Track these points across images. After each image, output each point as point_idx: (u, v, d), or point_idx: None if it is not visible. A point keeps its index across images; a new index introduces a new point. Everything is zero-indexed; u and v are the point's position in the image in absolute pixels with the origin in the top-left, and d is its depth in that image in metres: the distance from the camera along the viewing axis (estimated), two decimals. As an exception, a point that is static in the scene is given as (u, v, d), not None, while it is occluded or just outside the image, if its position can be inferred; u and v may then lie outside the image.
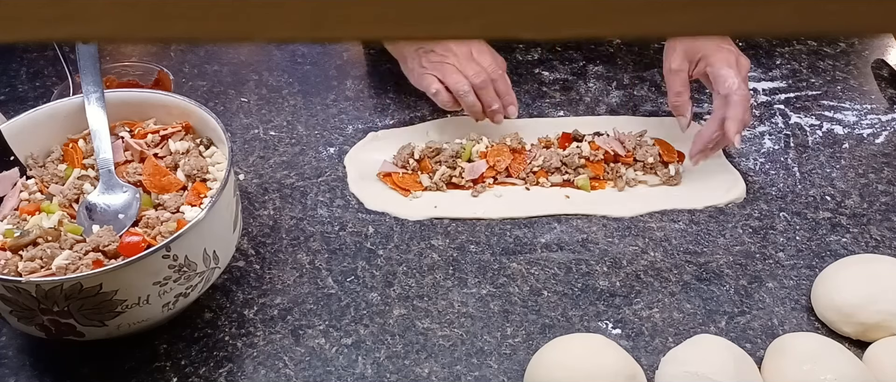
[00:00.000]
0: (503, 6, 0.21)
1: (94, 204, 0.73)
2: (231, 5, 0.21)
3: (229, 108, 1.02)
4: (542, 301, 0.77)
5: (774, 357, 0.69)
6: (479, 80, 0.88)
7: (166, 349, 0.73)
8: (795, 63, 1.10)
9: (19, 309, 0.63)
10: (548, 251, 0.83)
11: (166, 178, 0.75)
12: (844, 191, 0.90)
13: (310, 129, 0.98)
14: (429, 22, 0.21)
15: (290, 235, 0.84)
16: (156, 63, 1.01)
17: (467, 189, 0.89)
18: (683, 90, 0.89)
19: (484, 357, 0.72)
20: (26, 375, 0.72)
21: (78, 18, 0.21)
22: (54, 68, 1.07)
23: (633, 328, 0.75)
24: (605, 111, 1.02)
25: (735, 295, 0.78)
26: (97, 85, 0.78)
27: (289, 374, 0.71)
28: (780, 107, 1.02)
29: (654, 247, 0.83)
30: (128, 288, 0.64)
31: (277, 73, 1.08)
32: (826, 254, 0.82)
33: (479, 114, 0.90)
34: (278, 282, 0.79)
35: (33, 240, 0.67)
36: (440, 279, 0.79)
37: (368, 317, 0.76)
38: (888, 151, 0.96)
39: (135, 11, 0.21)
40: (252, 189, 0.90)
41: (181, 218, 0.70)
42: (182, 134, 0.79)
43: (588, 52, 1.11)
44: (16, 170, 0.76)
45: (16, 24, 0.21)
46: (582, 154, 0.90)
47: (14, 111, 0.88)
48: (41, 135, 0.79)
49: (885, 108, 1.03)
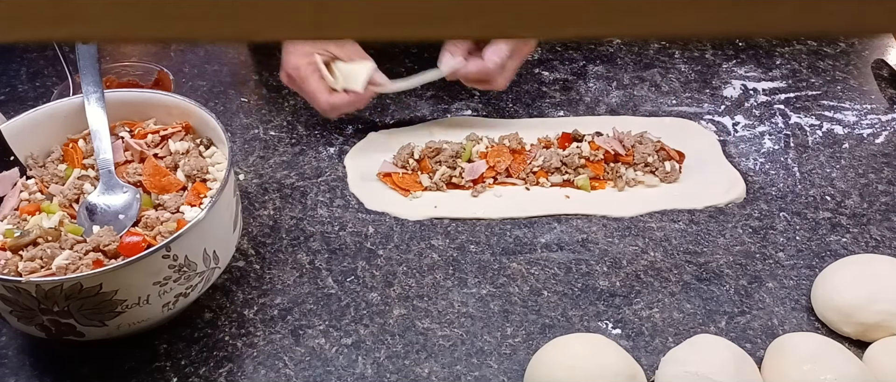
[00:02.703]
0: (503, 6, 0.21)
1: (94, 204, 0.73)
2: (231, 5, 0.21)
3: (229, 108, 1.02)
4: (542, 301, 0.77)
5: (774, 357, 0.69)
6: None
7: (166, 349, 0.73)
8: (795, 63, 1.10)
9: (19, 309, 0.63)
10: (548, 251, 0.83)
11: (166, 178, 0.75)
12: (844, 191, 0.90)
13: (310, 129, 0.98)
14: (429, 22, 0.21)
15: (290, 235, 0.84)
16: (156, 63, 1.01)
17: (467, 189, 0.89)
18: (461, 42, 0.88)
19: (484, 357, 0.72)
20: (26, 375, 0.72)
21: (78, 18, 0.21)
22: (54, 68, 1.07)
23: (633, 328, 0.75)
24: (605, 111, 1.02)
25: (735, 295, 0.78)
26: (97, 85, 0.78)
27: (289, 374, 0.71)
28: (780, 107, 1.02)
29: (654, 247, 0.83)
30: (128, 288, 0.64)
31: (277, 73, 1.08)
32: (826, 254, 0.82)
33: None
34: (278, 282, 0.79)
35: (33, 240, 0.67)
36: (440, 279, 0.79)
37: (368, 317, 0.76)
38: (888, 151, 0.96)
39: (135, 11, 0.21)
40: (252, 189, 0.90)
41: (181, 219, 0.70)
42: (182, 134, 0.79)
43: (588, 52, 1.11)
44: (16, 170, 0.76)
45: (16, 24, 0.21)
46: (582, 154, 0.90)
47: (14, 111, 0.88)
48: (41, 135, 0.79)
49: (885, 108, 1.03)
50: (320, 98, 0.85)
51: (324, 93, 0.84)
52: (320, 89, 0.84)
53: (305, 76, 0.84)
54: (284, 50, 0.86)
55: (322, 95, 0.85)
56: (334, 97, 0.85)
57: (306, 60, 0.85)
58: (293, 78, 0.85)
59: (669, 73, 1.08)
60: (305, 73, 0.84)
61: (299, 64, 0.84)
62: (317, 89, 0.85)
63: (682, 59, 1.11)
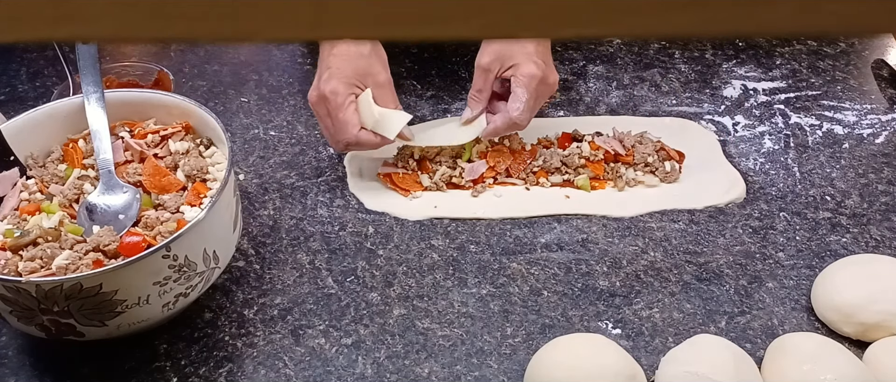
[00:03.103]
0: (503, 6, 0.21)
1: (94, 204, 0.73)
2: (231, 5, 0.21)
3: (229, 108, 1.02)
4: (542, 301, 0.77)
5: (774, 357, 0.69)
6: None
7: (166, 349, 0.73)
8: (795, 63, 1.10)
9: (19, 309, 0.63)
10: (548, 251, 0.83)
11: (166, 178, 0.75)
12: (844, 190, 0.90)
13: (310, 129, 0.98)
14: (429, 22, 0.21)
15: (290, 235, 0.84)
16: (156, 63, 1.01)
17: (467, 189, 0.89)
18: (484, 89, 0.87)
19: (484, 357, 0.72)
20: (26, 375, 0.72)
21: (78, 18, 0.21)
22: (54, 68, 1.07)
23: (633, 328, 0.75)
24: (605, 111, 1.02)
25: (735, 295, 0.78)
26: (97, 85, 0.78)
27: (289, 374, 0.71)
28: (780, 107, 1.02)
29: (654, 247, 0.83)
30: (128, 288, 0.64)
31: (277, 73, 1.08)
32: (826, 254, 0.82)
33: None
34: (278, 282, 0.79)
35: (33, 240, 0.67)
36: (440, 279, 0.79)
37: (368, 317, 0.76)
38: (888, 151, 0.96)
39: (135, 11, 0.21)
40: (252, 189, 0.90)
41: (181, 219, 0.70)
42: (182, 134, 0.79)
43: (588, 52, 1.11)
44: (16, 170, 0.76)
45: (16, 24, 0.21)
46: (582, 154, 0.90)
47: (14, 111, 0.88)
48: (41, 135, 0.79)
49: (885, 108, 1.03)
50: (350, 130, 0.82)
51: (355, 126, 0.82)
52: (353, 122, 0.82)
53: (342, 104, 0.82)
54: (326, 72, 0.83)
55: (352, 128, 0.82)
56: (362, 134, 0.83)
57: (347, 89, 0.82)
58: (328, 101, 0.82)
59: (669, 73, 1.08)
60: (343, 101, 0.82)
61: (339, 90, 0.82)
62: (349, 121, 0.82)
63: (682, 59, 1.11)
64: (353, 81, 0.83)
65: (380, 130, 0.84)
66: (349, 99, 0.82)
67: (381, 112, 0.84)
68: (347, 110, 0.82)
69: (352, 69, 0.83)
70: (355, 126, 0.82)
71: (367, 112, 0.83)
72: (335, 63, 0.83)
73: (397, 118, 0.84)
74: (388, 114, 0.84)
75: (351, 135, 0.82)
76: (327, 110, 0.83)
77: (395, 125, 0.84)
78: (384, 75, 0.85)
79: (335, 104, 0.82)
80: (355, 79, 0.83)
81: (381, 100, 0.84)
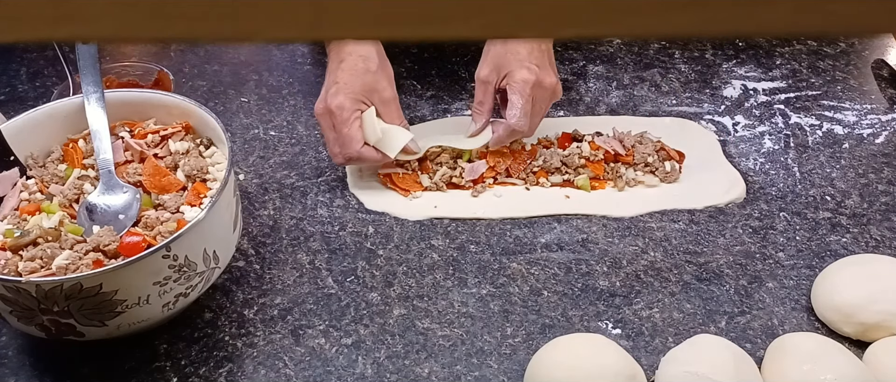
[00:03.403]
0: (503, 6, 0.21)
1: (94, 204, 0.73)
2: (231, 5, 0.21)
3: (229, 108, 1.02)
4: (542, 301, 0.77)
5: (774, 357, 0.69)
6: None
7: (166, 349, 0.73)
8: (795, 63, 1.10)
9: (19, 309, 0.63)
10: (548, 251, 0.83)
11: (166, 178, 0.75)
12: (844, 190, 0.90)
13: (310, 129, 0.98)
14: (429, 22, 0.21)
15: (290, 235, 0.84)
16: (156, 63, 1.01)
17: (467, 189, 0.89)
18: (485, 101, 0.88)
19: (484, 357, 0.72)
20: (26, 375, 0.72)
21: (78, 18, 0.21)
22: (54, 68, 1.07)
23: (633, 328, 0.75)
24: (605, 111, 1.02)
25: (735, 295, 0.78)
26: (97, 85, 0.78)
27: (289, 374, 0.71)
28: (780, 107, 1.02)
29: (654, 247, 0.83)
30: (128, 288, 0.64)
31: (277, 73, 1.08)
32: (826, 254, 0.82)
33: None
34: (278, 282, 0.79)
35: (33, 240, 0.67)
36: (440, 279, 0.79)
37: (368, 317, 0.76)
38: (888, 151, 0.96)
39: (135, 11, 0.21)
40: (252, 189, 0.90)
41: (181, 219, 0.70)
42: (182, 134, 0.79)
43: (588, 51, 1.11)
44: (16, 170, 0.76)
45: (16, 24, 0.21)
46: (582, 154, 0.90)
47: (14, 111, 0.88)
48: (41, 135, 0.79)
49: (885, 108, 1.03)
50: (353, 146, 0.83)
51: (358, 142, 0.83)
52: (357, 138, 0.83)
53: (347, 118, 0.82)
54: (333, 86, 0.84)
55: (356, 144, 0.83)
56: (365, 150, 0.84)
57: (353, 105, 0.83)
58: (334, 115, 0.83)
59: (669, 73, 1.08)
60: (348, 116, 0.82)
61: (345, 105, 0.82)
62: (353, 136, 0.83)
63: (682, 59, 1.11)
64: (359, 97, 0.84)
65: (382, 147, 0.85)
66: (354, 114, 0.83)
67: (385, 129, 0.85)
68: (352, 126, 0.83)
69: (359, 84, 0.83)
70: (359, 142, 0.83)
71: (370, 129, 0.84)
72: (343, 77, 0.84)
73: (400, 135, 0.86)
74: (392, 132, 0.85)
75: (353, 151, 0.83)
76: (332, 124, 0.83)
77: (398, 142, 0.85)
78: (390, 91, 0.86)
79: (341, 119, 0.82)
80: (362, 94, 0.84)
81: (387, 117, 0.85)
